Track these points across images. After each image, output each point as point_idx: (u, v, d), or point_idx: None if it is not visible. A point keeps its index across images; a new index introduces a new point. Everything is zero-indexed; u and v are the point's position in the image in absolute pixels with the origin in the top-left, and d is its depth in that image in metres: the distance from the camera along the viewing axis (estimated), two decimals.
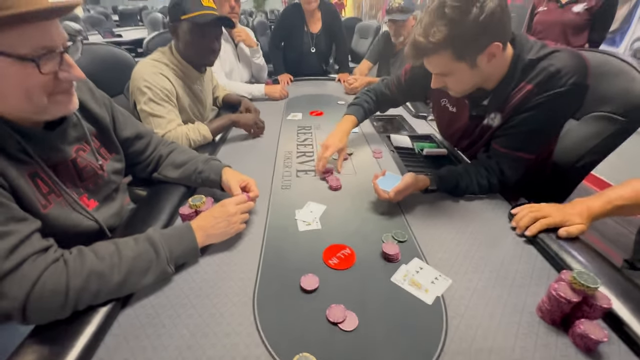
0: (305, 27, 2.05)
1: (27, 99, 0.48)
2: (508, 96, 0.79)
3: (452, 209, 0.81)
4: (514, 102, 0.78)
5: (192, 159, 0.83)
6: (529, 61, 0.74)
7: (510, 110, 0.79)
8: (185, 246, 0.60)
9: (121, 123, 0.77)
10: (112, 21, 6.22)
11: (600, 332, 0.46)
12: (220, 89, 1.51)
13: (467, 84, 0.78)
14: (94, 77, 0.75)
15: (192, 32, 1.04)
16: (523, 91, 0.76)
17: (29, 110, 0.51)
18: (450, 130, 1.02)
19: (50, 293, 0.46)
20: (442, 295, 0.57)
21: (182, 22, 1.03)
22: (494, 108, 0.83)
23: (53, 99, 0.51)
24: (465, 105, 0.90)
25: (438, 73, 0.77)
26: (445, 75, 0.76)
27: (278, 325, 0.51)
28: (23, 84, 0.47)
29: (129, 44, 3.59)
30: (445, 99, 0.98)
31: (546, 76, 0.72)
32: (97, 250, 0.53)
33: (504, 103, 0.80)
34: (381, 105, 1.16)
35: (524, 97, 0.76)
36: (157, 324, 0.51)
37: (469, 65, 0.72)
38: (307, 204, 0.82)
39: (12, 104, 0.49)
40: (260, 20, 4.18)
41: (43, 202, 0.55)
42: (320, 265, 0.63)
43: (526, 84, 0.75)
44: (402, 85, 1.08)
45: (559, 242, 0.64)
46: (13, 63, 0.44)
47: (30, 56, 0.45)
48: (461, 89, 0.80)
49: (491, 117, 0.85)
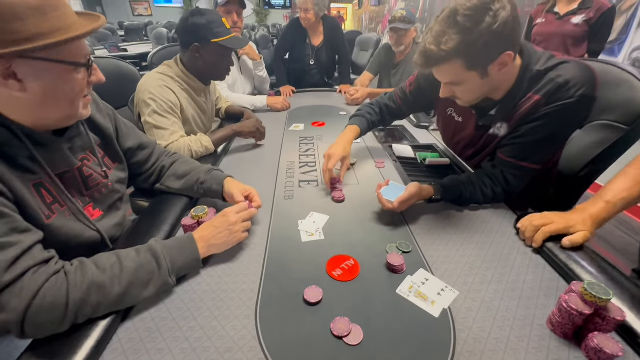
0: (307, 40, 2.09)
1: (72, 103, 0.56)
2: (515, 106, 0.78)
3: (457, 219, 0.80)
4: (521, 112, 0.77)
5: (194, 170, 0.83)
6: (537, 72, 0.74)
7: (517, 120, 0.79)
8: (187, 257, 0.60)
9: (124, 133, 0.77)
10: (118, 36, 6.36)
11: (615, 345, 0.44)
12: (223, 100, 1.53)
13: (477, 93, 0.78)
14: (98, 89, 0.75)
15: (219, 54, 1.11)
16: (531, 102, 0.75)
17: (69, 114, 0.57)
18: (455, 140, 1.02)
19: (49, 306, 0.45)
20: (449, 308, 0.55)
21: (211, 44, 1.07)
22: (501, 118, 0.83)
23: (83, 102, 0.58)
24: (471, 115, 0.90)
25: (448, 82, 0.77)
26: (455, 84, 0.76)
27: (281, 340, 0.50)
28: (74, 88, 0.55)
29: (134, 57, 3.66)
30: (451, 109, 0.98)
31: (554, 87, 0.72)
32: (98, 262, 0.52)
33: (511, 113, 0.80)
34: (385, 117, 1.15)
35: (532, 107, 0.75)
36: (158, 337, 0.50)
37: (480, 75, 0.71)
38: (310, 215, 0.81)
39: (58, 110, 0.55)
40: (262, 34, 4.27)
41: (47, 213, 0.55)
42: (324, 276, 0.62)
43: (534, 94, 0.75)
44: (407, 97, 1.08)
45: (567, 252, 0.63)
46: (70, 70, 0.53)
47: (83, 63, 0.54)
48: (470, 98, 0.80)
49: (497, 126, 0.84)
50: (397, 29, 1.82)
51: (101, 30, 5.75)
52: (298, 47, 2.14)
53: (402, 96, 1.09)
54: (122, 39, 6.34)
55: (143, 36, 6.72)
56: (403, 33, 1.83)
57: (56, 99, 0.53)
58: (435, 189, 0.81)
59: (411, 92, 1.06)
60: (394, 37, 1.87)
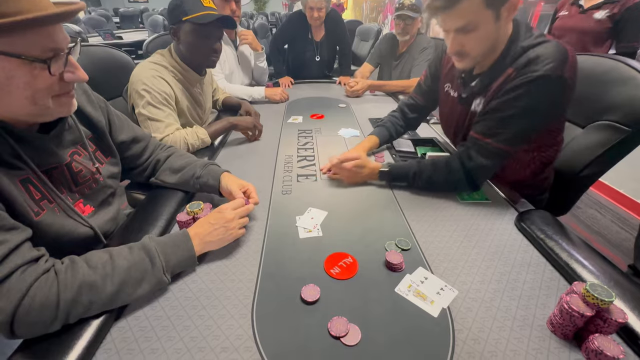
0: (309, 35, 2.04)
1: (32, 100, 0.48)
2: (492, 80, 0.79)
3: (457, 216, 0.78)
4: (495, 85, 0.78)
5: (190, 164, 0.81)
6: (520, 48, 0.75)
7: (491, 95, 0.79)
8: (181, 255, 0.58)
9: (117, 126, 0.75)
10: (113, 23, 6.22)
11: (616, 348, 0.44)
12: (220, 91, 1.50)
13: (485, 43, 0.76)
14: (92, 79, 0.72)
15: (194, 33, 1.03)
16: (504, 75, 0.76)
17: (32, 112, 0.50)
18: (450, 122, 1.02)
19: (39, 306, 0.44)
20: (449, 307, 0.54)
21: (184, 24, 1.02)
22: (478, 90, 0.83)
23: (57, 101, 0.51)
24: (459, 87, 0.91)
25: (460, 27, 0.73)
26: (467, 31, 0.73)
27: (278, 340, 0.49)
28: (31, 85, 0.47)
29: (129, 45, 3.58)
30: (448, 84, 0.98)
31: (525, 61, 0.72)
32: (89, 260, 0.51)
33: (488, 86, 0.80)
34: (408, 117, 1.15)
35: (503, 80, 0.76)
36: (152, 337, 0.49)
37: (494, 17, 0.71)
38: (308, 210, 0.80)
39: (16, 106, 0.48)
40: (260, 22, 4.18)
41: (35, 209, 0.53)
42: (322, 274, 0.61)
43: (510, 68, 0.76)
44: (423, 89, 1.10)
45: (568, 251, 0.62)
46: (23, 64, 0.45)
47: (41, 58, 0.46)
48: (477, 50, 0.77)
49: (476, 102, 0.85)
50: (405, 16, 1.75)
51: (95, 16, 5.62)
52: (299, 41, 2.09)
53: (417, 90, 1.13)
54: (117, 26, 6.20)
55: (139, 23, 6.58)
56: (410, 22, 1.77)
57: (10, 95, 0.46)
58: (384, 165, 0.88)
59: (425, 82, 1.09)
60: (401, 25, 1.80)
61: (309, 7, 1.85)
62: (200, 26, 1.01)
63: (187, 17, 1.00)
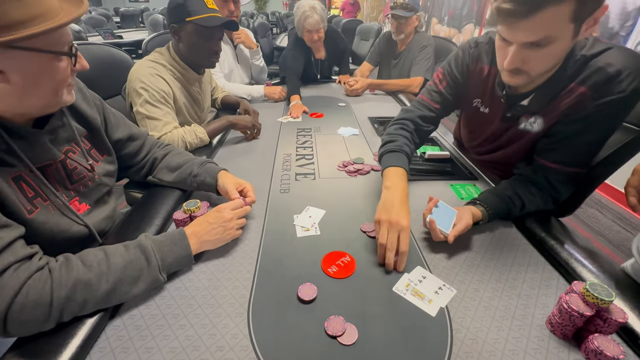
0: (312, 57, 1.99)
1: (54, 91, 0.53)
2: (554, 98, 0.69)
3: None
4: (562, 106, 0.68)
5: (187, 162, 0.81)
6: (582, 57, 0.65)
7: (558, 115, 0.70)
8: (178, 253, 0.58)
9: (113, 124, 0.75)
10: (114, 22, 6.22)
11: (615, 348, 0.43)
12: (219, 90, 1.49)
13: (552, 61, 0.65)
14: (90, 77, 0.73)
15: (197, 35, 1.03)
16: (574, 94, 0.66)
17: (50, 103, 0.54)
18: (475, 133, 0.94)
19: (33, 304, 0.44)
20: (447, 307, 0.54)
21: (187, 24, 1.01)
22: (535, 109, 0.73)
23: (67, 90, 0.56)
24: (500, 104, 0.80)
25: (534, 41, 0.60)
26: (539, 45, 0.60)
27: (274, 339, 0.49)
28: (55, 77, 0.52)
29: (129, 45, 3.58)
30: (478, 100, 0.88)
31: (603, 79, 0.62)
32: (84, 258, 0.51)
33: (549, 105, 0.70)
34: (423, 130, 0.93)
35: (576, 101, 0.66)
36: (147, 336, 0.49)
37: (574, 32, 0.59)
38: (306, 209, 0.79)
39: (40, 98, 0.52)
40: (261, 22, 4.17)
41: (28, 207, 0.52)
42: (319, 273, 0.61)
43: (578, 85, 0.66)
44: (444, 96, 0.91)
45: (568, 250, 0.62)
46: (53, 59, 0.50)
47: (68, 52, 0.52)
48: (540, 69, 0.66)
49: (530, 121, 0.75)
50: (397, 16, 1.76)
51: (96, 16, 5.62)
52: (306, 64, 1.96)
53: (436, 99, 0.92)
54: (118, 26, 6.21)
55: (139, 22, 6.59)
56: (404, 21, 1.77)
57: (39, 88, 0.51)
58: (483, 213, 0.70)
59: (446, 89, 0.91)
60: (394, 24, 1.81)
61: (307, 31, 1.76)
62: (204, 28, 1.02)
63: (192, 18, 1.00)
